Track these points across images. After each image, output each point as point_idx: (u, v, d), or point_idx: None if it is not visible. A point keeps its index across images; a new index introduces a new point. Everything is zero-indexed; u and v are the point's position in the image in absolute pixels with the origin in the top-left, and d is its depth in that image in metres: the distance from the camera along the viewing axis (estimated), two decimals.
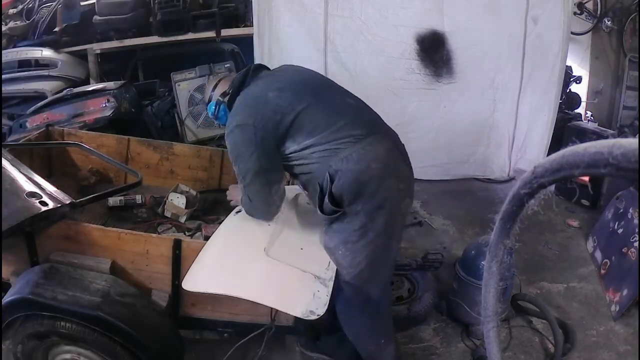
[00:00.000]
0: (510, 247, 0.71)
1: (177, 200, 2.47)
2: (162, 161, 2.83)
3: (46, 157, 2.80)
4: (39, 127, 3.26)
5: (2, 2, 4.88)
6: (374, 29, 3.90)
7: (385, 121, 1.96)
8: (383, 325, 2.04)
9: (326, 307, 1.67)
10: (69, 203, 1.79)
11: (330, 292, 1.72)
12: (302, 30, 3.86)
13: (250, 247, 1.81)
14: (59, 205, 1.76)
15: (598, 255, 3.12)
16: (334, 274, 1.81)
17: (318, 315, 1.64)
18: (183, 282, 1.72)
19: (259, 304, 1.72)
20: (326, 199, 1.72)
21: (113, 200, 2.53)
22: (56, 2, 4.85)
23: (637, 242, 2.69)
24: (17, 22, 5.03)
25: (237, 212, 2.01)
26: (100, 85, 4.01)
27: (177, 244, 1.78)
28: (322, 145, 1.76)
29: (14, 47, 4.79)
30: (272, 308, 1.83)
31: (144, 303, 1.79)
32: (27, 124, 3.65)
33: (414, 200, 2.04)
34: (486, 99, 4.16)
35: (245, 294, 1.67)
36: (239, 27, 4.63)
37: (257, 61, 3.94)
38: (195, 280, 1.70)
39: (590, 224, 3.46)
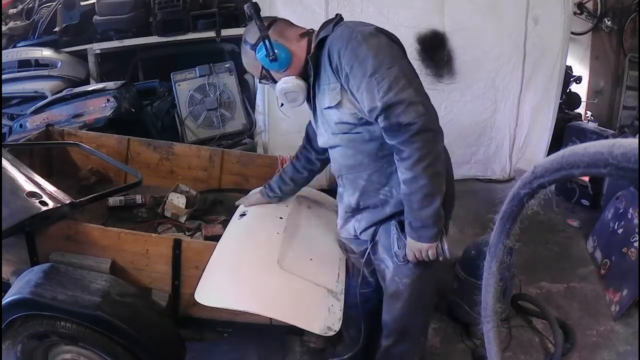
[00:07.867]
0: (510, 247, 0.70)
1: (177, 200, 2.47)
2: (162, 161, 2.83)
3: (46, 157, 2.80)
4: (39, 127, 3.25)
5: (2, 2, 4.87)
6: None
7: None
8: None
9: (341, 322, 1.63)
10: (69, 203, 1.79)
11: (342, 306, 1.69)
12: None
13: (263, 258, 1.76)
14: (59, 205, 1.76)
15: (598, 255, 3.12)
16: (343, 287, 1.78)
17: (335, 331, 1.61)
18: (195, 294, 1.68)
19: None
20: None
21: (113, 200, 2.53)
22: (56, 2, 4.84)
23: (637, 242, 2.69)
24: (17, 22, 5.02)
25: (241, 215, 1.99)
26: (100, 85, 4.00)
27: (177, 244, 1.78)
28: None
29: (14, 47, 4.78)
30: None
31: (144, 303, 1.79)
32: (27, 124, 3.64)
33: None
34: (487, 99, 4.16)
35: (263, 311, 1.63)
36: (239, 27, 4.62)
37: None
38: (210, 294, 1.67)
39: (590, 224, 3.46)
